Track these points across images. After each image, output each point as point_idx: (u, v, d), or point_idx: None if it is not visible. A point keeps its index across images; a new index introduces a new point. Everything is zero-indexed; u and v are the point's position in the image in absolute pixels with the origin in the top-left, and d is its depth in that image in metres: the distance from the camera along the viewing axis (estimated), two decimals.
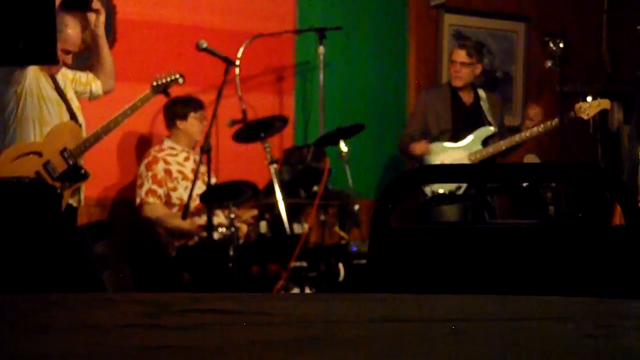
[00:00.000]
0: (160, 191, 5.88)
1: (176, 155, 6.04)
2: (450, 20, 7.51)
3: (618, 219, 5.32)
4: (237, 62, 6.00)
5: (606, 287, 1.75)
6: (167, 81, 5.20)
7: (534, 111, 6.46)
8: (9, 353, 0.93)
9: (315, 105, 6.71)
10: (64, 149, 4.64)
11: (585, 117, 6.21)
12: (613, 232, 1.89)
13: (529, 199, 5.79)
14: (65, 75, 4.84)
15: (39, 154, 4.57)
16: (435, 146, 6.38)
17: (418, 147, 6.37)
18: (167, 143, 6.06)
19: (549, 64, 6.91)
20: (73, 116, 4.75)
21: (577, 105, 6.20)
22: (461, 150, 6.35)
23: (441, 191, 6.20)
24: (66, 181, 4.61)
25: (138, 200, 5.92)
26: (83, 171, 4.70)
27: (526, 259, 1.82)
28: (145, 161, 5.99)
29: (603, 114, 6.72)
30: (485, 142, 6.38)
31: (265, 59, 6.70)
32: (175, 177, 5.97)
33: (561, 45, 6.74)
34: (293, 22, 6.84)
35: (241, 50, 6.09)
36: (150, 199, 5.84)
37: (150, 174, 5.92)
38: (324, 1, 6.99)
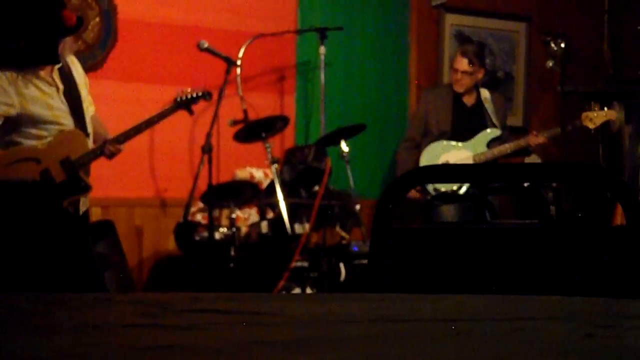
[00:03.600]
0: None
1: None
2: (452, 20, 7.51)
3: (619, 219, 5.32)
4: (238, 62, 6.01)
5: (607, 287, 1.75)
6: (191, 97, 4.97)
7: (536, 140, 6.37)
8: (10, 353, 0.93)
9: (317, 105, 6.71)
10: (66, 159, 4.42)
11: (591, 126, 6.20)
12: (614, 232, 1.89)
13: (530, 199, 5.79)
14: (82, 78, 4.62)
15: (38, 161, 4.35)
16: (441, 144, 6.37)
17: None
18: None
19: (550, 64, 6.91)
20: (83, 124, 4.53)
21: (584, 115, 6.20)
22: (466, 150, 6.35)
23: (442, 190, 6.20)
24: (64, 192, 4.40)
25: (245, 172, 5.93)
26: (83, 184, 4.47)
27: (527, 258, 1.82)
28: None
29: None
30: (490, 144, 6.37)
31: (266, 59, 6.70)
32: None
33: (562, 45, 6.75)
34: (294, 22, 6.84)
35: (242, 50, 6.09)
36: (246, 176, 5.80)
37: (269, 178, 6.01)
38: (325, 1, 6.99)
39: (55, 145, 4.41)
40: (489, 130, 6.39)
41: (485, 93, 6.52)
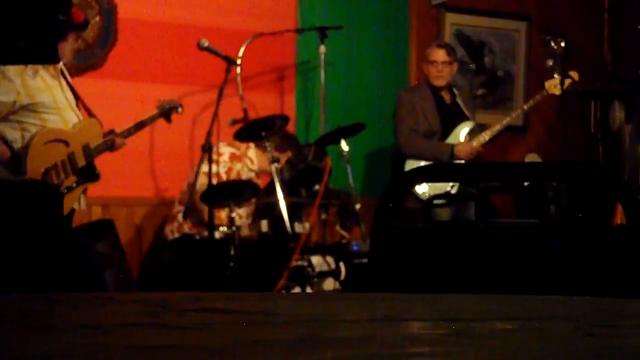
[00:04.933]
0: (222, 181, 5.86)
1: (250, 170, 6.07)
2: (452, 20, 7.50)
3: (619, 218, 5.32)
4: (238, 61, 6.00)
5: (607, 287, 1.75)
6: (169, 107, 5.16)
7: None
8: (12, 352, 0.93)
9: (317, 104, 6.71)
10: (87, 145, 4.62)
11: (557, 92, 6.36)
12: (614, 231, 1.89)
13: (531, 199, 5.79)
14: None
15: (66, 143, 4.55)
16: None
17: (464, 150, 6.35)
18: (252, 153, 6.03)
19: (550, 63, 6.91)
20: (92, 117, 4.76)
21: (547, 83, 6.39)
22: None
23: (435, 192, 6.23)
24: (81, 177, 4.59)
25: (204, 169, 5.89)
26: (97, 172, 4.66)
27: (527, 258, 1.82)
28: (232, 151, 5.98)
29: (604, 113, 6.73)
30: (466, 137, 6.48)
31: (266, 58, 6.70)
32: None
33: (562, 44, 6.75)
34: (294, 21, 6.84)
35: (242, 49, 6.09)
36: (214, 180, 5.76)
37: (228, 165, 5.94)
38: (325, 0, 6.99)
39: (80, 131, 4.61)
40: (463, 123, 6.47)
41: (454, 90, 6.63)
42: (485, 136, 6.45)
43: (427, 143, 6.39)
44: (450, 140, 6.42)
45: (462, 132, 6.46)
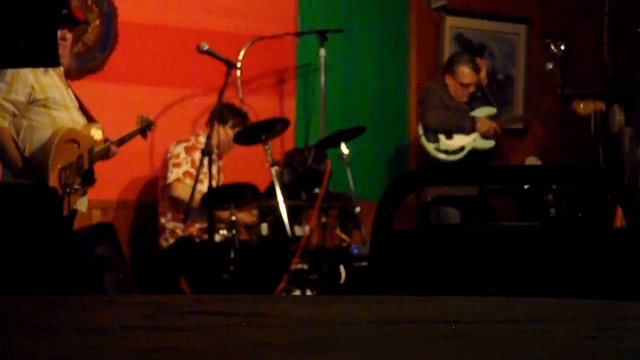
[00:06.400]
0: (194, 176, 5.83)
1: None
2: (451, 23, 7.51)
3: (619, 221, 5.32)
4: (239, 65, 6.01)
5: (607, 289, 1.75)
6: (147, 124, 5.22)
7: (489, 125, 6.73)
8: (11, 355, 0.93)
9: (317, 107, 6.71)
10: (92, 149, 4.69)
11: (580, 112, 6.48)
12: (614, 234, 1.89)
13: (530, 201, 5.80)
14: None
15: (78, 145, 4.62)
16: None
17: (484, 125, 6.55)
18: (203, 138, 6.06)
19: (550, 66, 6.92)
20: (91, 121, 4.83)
21: (575, 102, 6.48)
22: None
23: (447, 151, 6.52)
24: (83, 180, 4.64)
25: (172, 177, 5.91)
26: (94, 177, 4.72)
27: (527, 261, 1.82)
28: (185, 145, 5.99)
29: (604, 116, 6.74)
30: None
31: (266, 61, 6.70)
32: (204, 171, 6.01)
33: (562, 47, 6.76)
34: (294, 25, 6.84)
35: (242, 52, 6.10)
36: (187, 180, 5.79)
37: (189, 158, 5.94)
38: (325, 3, 7.00)
39: (88, 134, 4.68)
40: (486, 107, 6.68)
41: None
42: (508, 121, 6.68)
43: (451, 114, 6.58)
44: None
45: (485, 112, 6.62)
